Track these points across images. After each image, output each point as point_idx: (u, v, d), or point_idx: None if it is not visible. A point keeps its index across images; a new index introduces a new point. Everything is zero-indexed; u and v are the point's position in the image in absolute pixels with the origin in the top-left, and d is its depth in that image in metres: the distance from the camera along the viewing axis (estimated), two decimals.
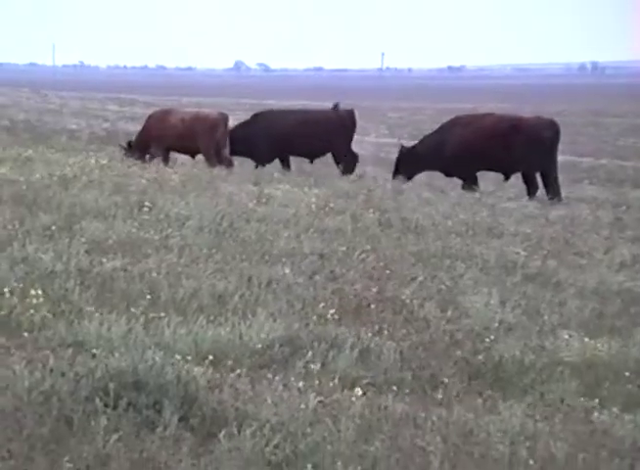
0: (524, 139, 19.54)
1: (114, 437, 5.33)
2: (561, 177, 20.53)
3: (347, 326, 7.90)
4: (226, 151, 20.83)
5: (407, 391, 6.80)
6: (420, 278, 9.90)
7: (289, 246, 11.07)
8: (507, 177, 20.45)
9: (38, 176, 14.52)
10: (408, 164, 20.31)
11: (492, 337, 7.99)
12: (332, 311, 8.23)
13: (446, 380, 7.01)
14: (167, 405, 5.68)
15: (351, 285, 9.37)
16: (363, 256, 10.92)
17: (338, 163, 21.85)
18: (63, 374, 5.88)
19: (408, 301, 8.99)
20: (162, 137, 20.83)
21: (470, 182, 19.95)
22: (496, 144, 19.56)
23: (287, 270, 9.66)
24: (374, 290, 9.23)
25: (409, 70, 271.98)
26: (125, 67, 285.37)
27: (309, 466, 5.22)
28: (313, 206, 14.27)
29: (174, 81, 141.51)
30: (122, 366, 5.94)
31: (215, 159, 20.38)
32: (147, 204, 12.74)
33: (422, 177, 20.89)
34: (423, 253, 11.49)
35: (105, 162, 18.28)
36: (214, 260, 9.93)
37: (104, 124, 35.73)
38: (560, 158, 33.59)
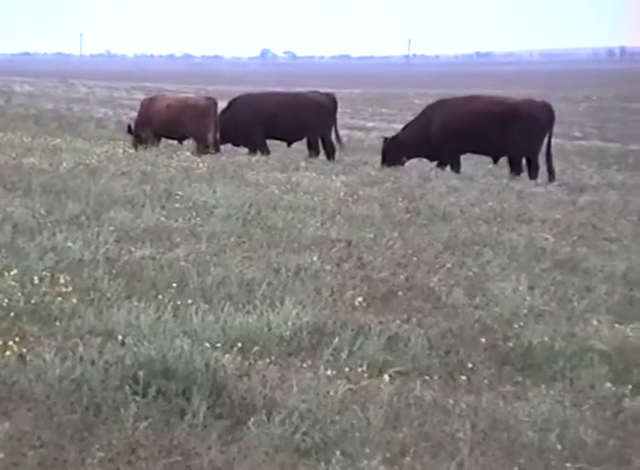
0: (516, 122, 19.39)
1: (144, 424, 5.36)
2: (590, 163, 20.39)
3: (375, 313, 7.89)
4: (216, 135, 20.82)
5: (436, 378, 6.78)
6: (448, 265, 9.88)
7: (316, 233, 11.08)
8: (496, 160, 20.30)
9: (66, 165, 14.59)
10: (394, 153, 20.12)
11: (521, 323, 7.95)
12: (360, 299, 8.22)
13: (475, 367, 6.99)
14: (196, 393, 5.70)
15: (379, 272, 9.36)
16: (391, 243, 10.91)
17: (310, 146, 21.64)
18: (93, 362, 5.91)
19: (436, 288, 8.98)
20: (151, 123, 20.94)
21: (454, 165, 19.79)
22: (488, 127, 19.41)
23: (314, 258, 9.66)
24: (402, 277, 9.22)
25: (436, 56, 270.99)
26: (152, 55, 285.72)
27: (338, 453, 5.23)
28: (341, 193, 14.26)
29: (201, 70, 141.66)
30: (151, 354, 5.97)
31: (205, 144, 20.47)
32: (175, 192, 12.78)
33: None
34: (451, 240, 11.46)
35: (132, 151, 18.35)
36: (242, 248, 9.95)
37: (131, 113, 35.76)
38: (587, 143, 33.45)
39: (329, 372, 6.42)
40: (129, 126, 21.34)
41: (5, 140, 18.49)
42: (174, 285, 8.26)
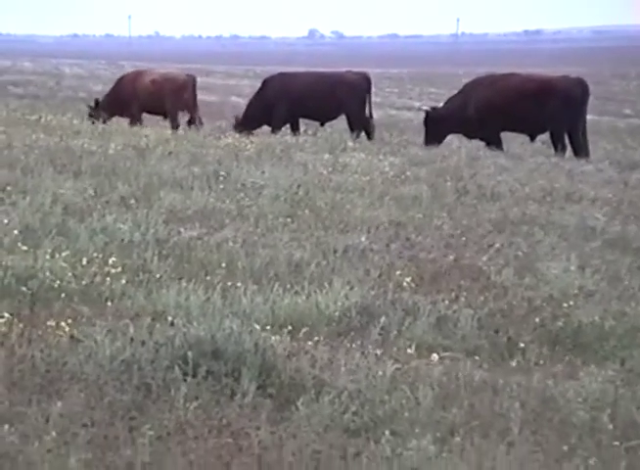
0: (552, 99, 19.31)
1: (194, 404, 5.39)
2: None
3: (424, 294, 7.88)
4: (197, 112, 21.39)
5: (485, 357, 6.77)
6: (497, 245, 9.83)
7: (364, 214, 11.06)
8: (533, 138, 20.23)
9: (115, 147, 14.67)
10: (434, 128, 20.11)
11: (571, 303, 7.91)
12: (408, 279, 8.20)
13: (525, 346, 6.96)
14: (246, 373, 5.73)
15: (428, 253, 9.34)
16: (439, 223, 10.88)
17: (351, 127, 21.58)
18: (143, 343, 5.95)
19: (485, 268, 8.94)
20: (135, 98, 21.40)
21: (495, 144, 19.72)
22: (524, 104, 19.34)
23: (363, 238, 9.65)
24: (451, 257, 9.19)
25: (485, 34, 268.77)
26: (200, 36, 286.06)
27: (387, 433, 5.23)
28: (389, 174, 14.22)
29: (248, 51, 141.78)
30: (201, 335, 6.00)
31: (189, 119, 21.07)
32: (223, 173, 12.81)
33: None
34: (500, 219, 11.39)
35: (181, 132, 18.42)
36: (290, 229, 9.96)
37: None
38: (639, 121, 33.02)
39: (378, 352, 6.43)
40: (96, 102, 21.64)
41: (55, 122, 18.62)
42: (223, 266, 8.30)
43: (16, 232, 8.67)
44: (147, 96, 21.34)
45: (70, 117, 20.42)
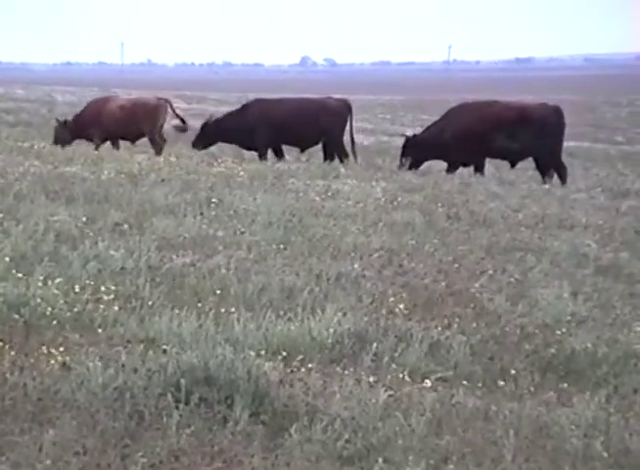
0: (529, 126, 19.54)
1: (187, 432, 5.38)
2: (633, 168, 20.19)
3: (417, 320, 7.87)
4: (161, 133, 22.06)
5: (478, 384, 6.76)
6: (490, 271, 9.84)
7: (357, 240, 11.06)
8: (513, 165, 20.45)
9: (108, 174, 14.68)
10: (413, 153, 20.29)
11: (564, 330, 7.92)
12: (401, 305, 8.21)
13: (518, 373, 6.96)
14: (239, 401, 5.72)
15: (420, 279, 9.35)
16: (432, 249, 10.89)
17: (330, 153, 21.55)
18: (135, 370, 5.94)
19: (478, 294, 8.95)
20: (102, 123, 21.59)
21: (479, 169, 19.92)
22: (502, 131, 19.56)
23: (355, 265, 9.65)
24: (443, 284, 9.20)
25: (476, 62, 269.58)
26: (193, 63, 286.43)
27: (380, 460, 5.22)
28: (381, 200, 14.25)
29: (240, 78, 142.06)
30: (193, 362, 5.99)
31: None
32: (215, 200, 12.82)
33: (490, 170, 20.78)
34: (492, 246, 11.41)
35: (173, 159, 18.44)
36: (283, 256, 9.96)
37: (172, 122, 35.88)
38: (631, 148, 33.15)
39: (371, 379, 6.42)
40: (65, 121, 21.67)
41: (47, 149, 18.64)
42: (216, 292, 8.29)
43: (8, 259, 8.65)
44: (114, 122, 21.49)
45: None
